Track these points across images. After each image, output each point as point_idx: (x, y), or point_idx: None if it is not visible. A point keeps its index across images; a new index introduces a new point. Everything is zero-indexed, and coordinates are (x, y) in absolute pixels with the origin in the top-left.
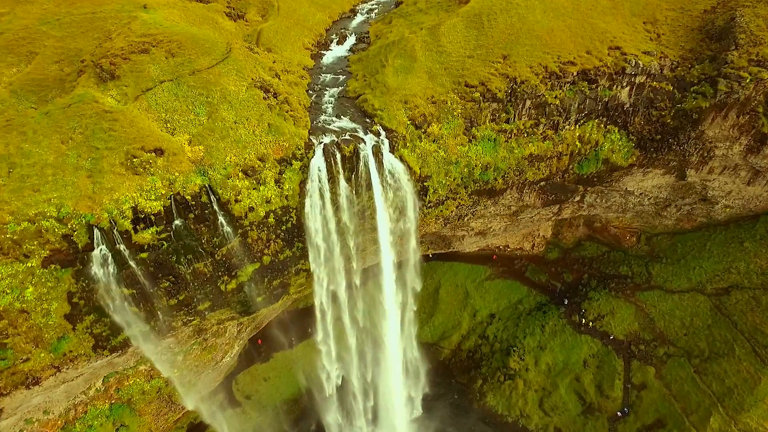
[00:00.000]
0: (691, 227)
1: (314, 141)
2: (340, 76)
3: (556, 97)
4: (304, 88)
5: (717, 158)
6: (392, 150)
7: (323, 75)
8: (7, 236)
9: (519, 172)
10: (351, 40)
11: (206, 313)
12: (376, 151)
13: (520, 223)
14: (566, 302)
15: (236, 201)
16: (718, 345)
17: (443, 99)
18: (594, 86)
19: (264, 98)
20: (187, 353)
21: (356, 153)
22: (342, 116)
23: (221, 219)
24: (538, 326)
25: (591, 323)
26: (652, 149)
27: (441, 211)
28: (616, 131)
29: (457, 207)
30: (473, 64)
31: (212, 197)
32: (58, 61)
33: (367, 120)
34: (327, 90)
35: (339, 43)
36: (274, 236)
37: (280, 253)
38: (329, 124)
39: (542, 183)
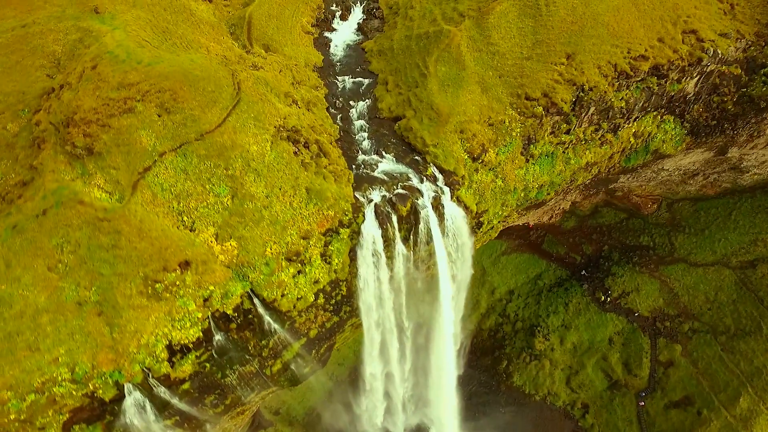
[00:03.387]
0: (715, 193)
1: (362, 200)
2: (362, 79)
3: (622, 98)
4: (324, 106)
5: (765, 136)
6: (452, 196)
7: (340, 78)
8: (12, 417)
9: (572, 181)
10: (357, 12)
11: (252, 399)
12: (436, 204)
13: (547, 206)
14: (583, 273)
15: (282, 296)
16: (744, 321)
17: (501, 118)
18: (663, 81)
19: (295, 153)
20: (223, 422)
21: (414, 210)
22: (384, 152)
23: (267, 319)
24: (561, 304)
25: (616, 300)
26: (703, 134)
27: (489, 235)
28: (671, 120)
29: (503, 226)
30: (533, 69)
31: (255, 300)
32: None
33: (417, 158)
34: (352, 105)
35: (343, 18)
36: (322, 311)
37: (327, 322)
38: (373, 170)
39: (588, 182)
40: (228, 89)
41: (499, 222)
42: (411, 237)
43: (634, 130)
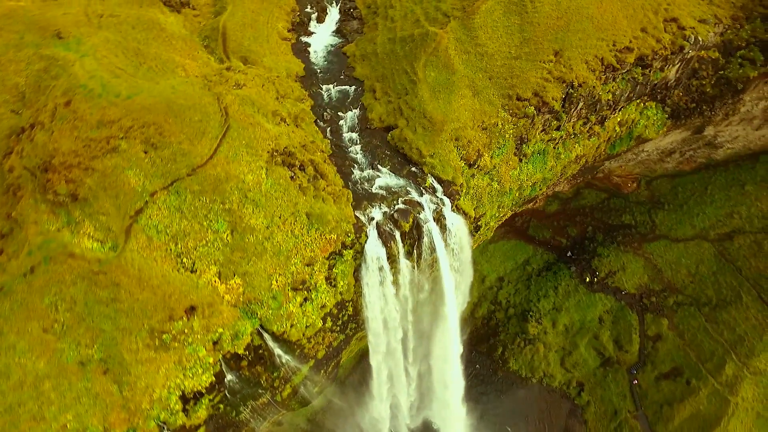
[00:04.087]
0: (691, 169)
1: (363, 219)
2: (348, 87)
3: (609, 91)
4: (312, 120)
5: (739, 114)
6: (452, 206)
7: (324, 87)
8: None
9: (562, 174)
10: (334, 13)
11: (264, 426)
12: (438, 216)
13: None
14: (569, 255)
15: (292, 326)
16: (725, 292)
17: (494, 121)
18: (647, 71)
19: (291, 178)
20: None
21: (416, 225)
22: (380, 166)
23: (278, 351)
24: (551, 288)
25: (603, 280)
26: (683, 117)
27: (486, 235)
28: (653, 106)
29: (498, 225)
30: (522, 68)
31: (265, 334)
32: None
33: (414, 169)
34: (341, 117)
35: (320, 20)
36: (329, 333)
37: (334, 341)
38: (370, 185)
39: (575, 173)
40: (215, 116)
41: (495, 222)
42: (414, 251)
43: (619, 119)
